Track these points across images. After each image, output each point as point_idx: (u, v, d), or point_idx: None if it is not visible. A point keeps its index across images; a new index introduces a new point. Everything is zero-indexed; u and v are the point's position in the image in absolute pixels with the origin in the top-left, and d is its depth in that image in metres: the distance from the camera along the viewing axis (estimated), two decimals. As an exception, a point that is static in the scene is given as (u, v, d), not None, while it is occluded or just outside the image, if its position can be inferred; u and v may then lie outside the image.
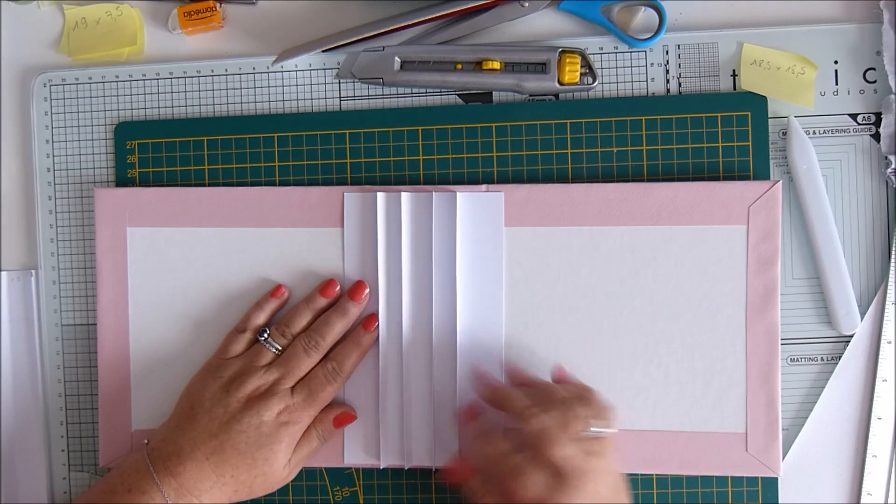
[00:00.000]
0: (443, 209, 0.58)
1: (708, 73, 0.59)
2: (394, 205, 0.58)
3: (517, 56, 0.59)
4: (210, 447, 0.53)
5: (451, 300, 0.58)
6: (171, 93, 0.62)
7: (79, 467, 0.62)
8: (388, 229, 0.58)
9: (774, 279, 0.57)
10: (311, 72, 0.61)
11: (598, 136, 0.59)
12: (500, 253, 0.58)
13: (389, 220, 0.58)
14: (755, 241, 0.57)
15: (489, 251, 0.58)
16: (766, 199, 0.57)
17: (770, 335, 0.57)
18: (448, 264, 0.58)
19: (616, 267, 0.58)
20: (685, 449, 0.57)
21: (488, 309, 0.58)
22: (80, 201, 0.62)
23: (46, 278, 0.62)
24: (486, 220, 0.58)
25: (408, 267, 0.58)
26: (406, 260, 0.58)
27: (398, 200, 0.58)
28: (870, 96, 0.59)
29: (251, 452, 0.53)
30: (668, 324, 0.58)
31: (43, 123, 0.63)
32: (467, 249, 0.58)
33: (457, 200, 0.58)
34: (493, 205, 0.58)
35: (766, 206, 0.57)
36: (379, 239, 0.58)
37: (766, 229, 0.57)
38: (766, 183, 0.57)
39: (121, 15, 0.63)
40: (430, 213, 0.58)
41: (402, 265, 0.58)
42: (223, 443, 0.53)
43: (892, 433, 0.58)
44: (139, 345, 0.61)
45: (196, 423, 0.54)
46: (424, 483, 0.60)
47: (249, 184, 0.61)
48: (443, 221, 0.58)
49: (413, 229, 0.58)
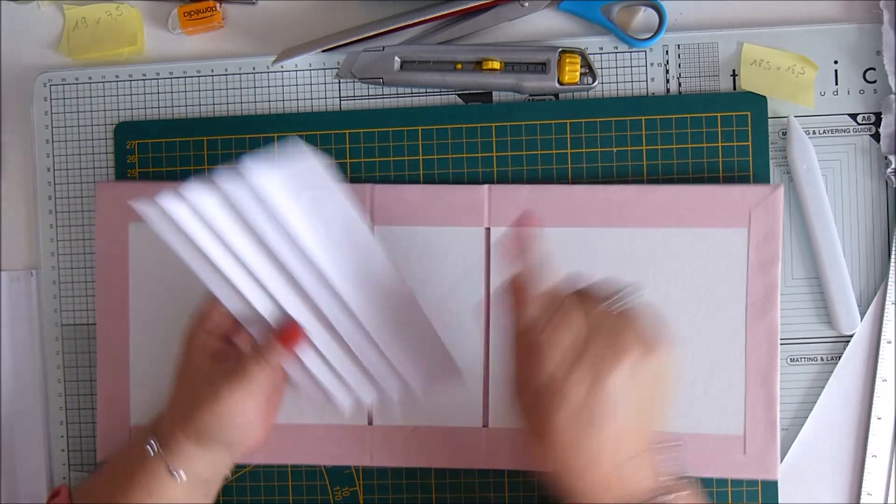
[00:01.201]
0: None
1: (708, 73, 0.59)
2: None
3: (517, 56, 0.59)
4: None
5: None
6: (171, 93, 0.62)
7: (79, 467, 0.62)
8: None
9: (775, 282, 0.57)
10: (311, 72, 0.61)
11: (597, 136, 0.59)
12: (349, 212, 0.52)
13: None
14: (756, 244, 0.57)
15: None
16: (768, 202, 0.57)
17: (770, 338, 0.57)
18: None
19: (617, 268, 0.58)
20: (683, 451, 0.57)
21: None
22: (80, 201, 0.62)
23: (46, 278, 0.63)
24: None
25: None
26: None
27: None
28: (870, 96, 0.59)
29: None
30: (668, 325, 0.58)
31: (43, 123, 0.63)
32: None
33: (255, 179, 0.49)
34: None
35: (767, 209, 0.57)
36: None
37: (767, 232, 0.57)
38: (767, 187, 0.57)
39: (121, 15, 0.63)
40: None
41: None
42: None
43: (892, 433, 0.58)
44: (139, 339, 0.61)
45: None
46: (424, 483, 0.60)
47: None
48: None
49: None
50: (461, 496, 0.60)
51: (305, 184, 0.50)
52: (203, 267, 0.52)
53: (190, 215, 0.50)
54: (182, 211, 0.50)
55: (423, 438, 0.59)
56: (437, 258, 0.59)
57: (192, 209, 0.50)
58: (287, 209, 0.50)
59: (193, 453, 0.53)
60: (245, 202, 0.50)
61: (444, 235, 0.59)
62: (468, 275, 0.59)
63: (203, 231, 0.50)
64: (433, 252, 0.59)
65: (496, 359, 0.58)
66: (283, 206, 0.50)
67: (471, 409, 0.59)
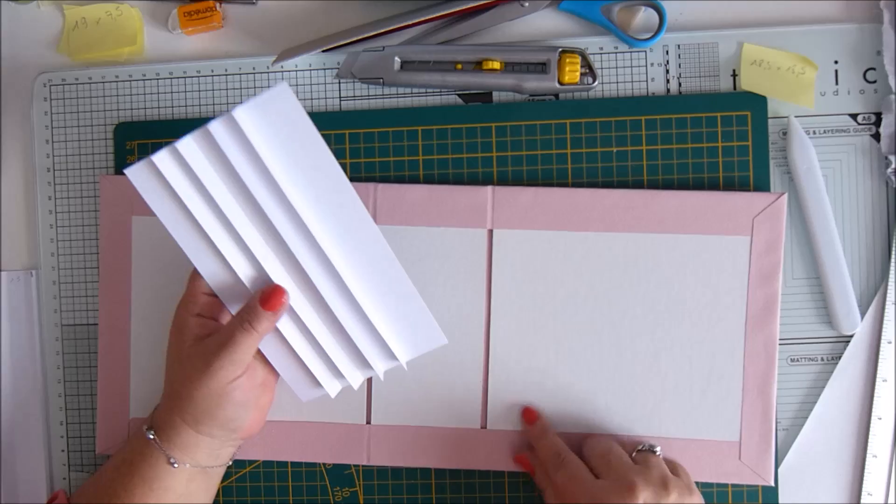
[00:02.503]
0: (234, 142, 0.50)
1: (708, 73, 0.59)
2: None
3: (517, 56, 0.59)
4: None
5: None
6: (171, 93, 0.62)
7: (79, 467, 0.62)
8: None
9: (775, 292, 0.57)
10: (311, 72, 0.61)
11: (597, 136, 0.59)
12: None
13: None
14: (758, 253, 0.57)
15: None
16: (771, 211, 0.57)
17: (768, 347, 0.57)
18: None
19: (618, 273, 0.58)
20: (680, 455, 0.57)
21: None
22: (80, 201, 0.62)
23: (46, 278, 0.63)
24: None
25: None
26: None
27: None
28: (870, 96, 0.59)
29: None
30: (668, 332, 0.58)
31: (43, 123, 0.63)
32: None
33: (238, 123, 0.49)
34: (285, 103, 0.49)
35: (770, 217, 0.57)
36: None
37: (770, 241, 0.57)
38: (771, 195, 0.57)
39: (121, 15, 0.63)
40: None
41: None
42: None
43: (892, 433, 0.58)
44: (140, 330, 0.61)
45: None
46: (424, 483, 0.60)
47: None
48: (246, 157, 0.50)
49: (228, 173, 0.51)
50: (461, 496, 0.60)
51: (291, 133, 0.50)
52: (186, 232, 0.52)
53: (179, 173, 0.50)
54: (172, 169, 0.50)
55: (422, 439, 0.59)
56: (440, 259, 0.59)
57: (182, 166, 0.50)
58: (273, 162, 0.50)
59: (191, 440, 0.53)
60: (234, 154, 0.50)
61: (447, 236, 0.59)
62: (470, 276, 0.59)
63: (190, 188, 0.51)
64: (435, 253, 0.59)
65: (496, 360, 0.58)
66: (269, 157, 0.50)
67: (469, 412, 0.59)
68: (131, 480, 0.53)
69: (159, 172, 0.50)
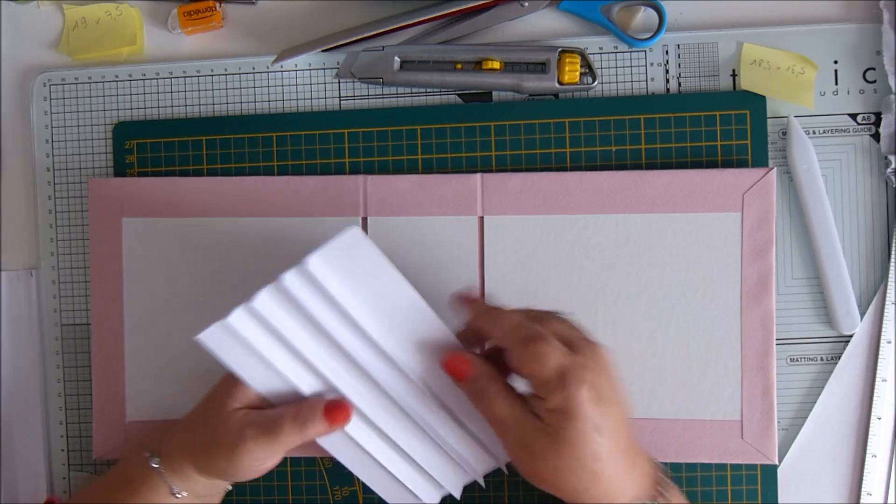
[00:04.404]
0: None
1: (708, 72, 0.59)
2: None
3: (517, 56, 0.59)
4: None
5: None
6: (171, 93, 0.62)
7: (78, 467, 0.62)
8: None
9: (769, 267, 0.57)
10: (310, 72, 0.61)
11: (597, 136, 0.59)
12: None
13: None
14: (750, 229, 0.57)
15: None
16: (761, 186, 0.57)
17: (765, 323, 0.57)
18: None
19: (611, 255, 0.58)
20: (681, 437, 0.57)
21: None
22: (80, 201, 0.62)
23: (46, 278, 0.63)
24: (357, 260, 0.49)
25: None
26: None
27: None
28: (870, 96, 0.59)
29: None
30: (664, 312, 0.58)
31: (43, 123, 0.63)
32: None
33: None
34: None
35: (760, 193, 0.57)
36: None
37: (761, 217, 0.57)
38: (760, 170, 0.57)
39: (120, 15, 0.63)
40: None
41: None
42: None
43: (892, 433, 0.58)
44: (133, 334, 0.60)
45: None
46: (424, 483, 0.60)
47: (249, 183, 0.61)
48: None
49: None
50: (460, 495, 0.60)
51: (368, 274, 0.49)
52: (264, 378, 0.51)
53: (256, 327, 0.49)
54: (249, 325, 0.49)
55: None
56: (431, 248, 0.59)
57: (258, 320, 0.49)
58: (353, 305, 0.49)
59: (197, 479, 0.53)
60: (312, 303, 0.49)
61: (438, 225, 0.59)
62: (463, 263, 0.59)
63: (269, 340, 0.50)
64: (427, 242, 0.59)
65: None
66: (349, 302, 0.49)
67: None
68: (130, 502, 0.53)
69: (235, 331, 0.49)
